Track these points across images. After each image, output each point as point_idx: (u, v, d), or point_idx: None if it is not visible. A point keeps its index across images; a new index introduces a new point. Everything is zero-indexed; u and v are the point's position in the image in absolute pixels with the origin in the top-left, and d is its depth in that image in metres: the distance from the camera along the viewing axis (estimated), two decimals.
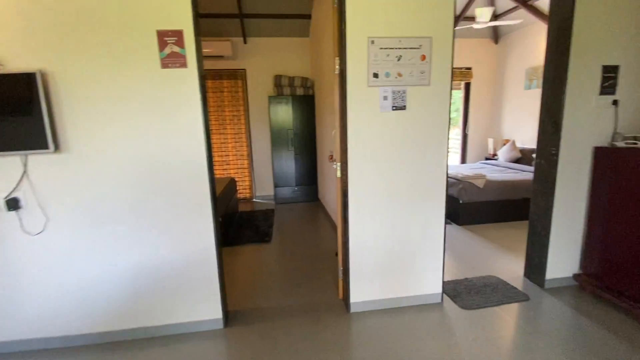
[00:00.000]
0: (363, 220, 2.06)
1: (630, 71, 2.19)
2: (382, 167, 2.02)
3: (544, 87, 2.31)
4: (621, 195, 2.05)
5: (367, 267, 2.12)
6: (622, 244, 2.07)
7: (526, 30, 5.20)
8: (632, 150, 1.99)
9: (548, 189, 2.30)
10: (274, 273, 2.78)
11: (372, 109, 1.94)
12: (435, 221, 2.15)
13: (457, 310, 2.14)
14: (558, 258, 2.37)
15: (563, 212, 2.30)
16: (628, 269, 2.03)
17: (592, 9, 2.07)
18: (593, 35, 2.11)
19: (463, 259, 2.93)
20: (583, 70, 2.14)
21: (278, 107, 5.01)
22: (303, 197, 5.36)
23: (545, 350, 1.75)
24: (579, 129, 2.21)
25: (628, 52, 2.17)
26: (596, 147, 2.21)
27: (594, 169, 2.23)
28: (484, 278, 2.53)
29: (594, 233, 2.26)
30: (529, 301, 2.21)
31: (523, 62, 5.30)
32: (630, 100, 2.22)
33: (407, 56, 1.91)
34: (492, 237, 3.44)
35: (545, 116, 2.31)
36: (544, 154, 2.33)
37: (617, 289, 2.11)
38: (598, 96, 2.18)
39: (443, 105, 2.01)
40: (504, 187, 3.90)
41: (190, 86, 1.76)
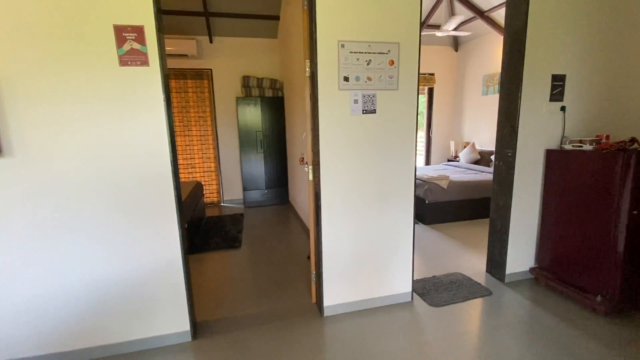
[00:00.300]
0: (336, 222, 2.06)
1: (575, 80, 2.40)
2: (354, 170, 2.04)
3: (502, 93, 2.47)
4: (568, 194, 2.24)
5: (340, 270, 2.13)
6: (569, 239, 2.25)
7: (483, 39, 5.54)
8: (578, 153, 2.18)
9: (506, 189, 2.45)
10: (244, 280, 2.70)
11: (343, 112, 1.95)
12: (405, 222, 2.20)
13: (427, 307, 2.21)
14: (516, 254, 2.53)
15: (520, 210, 2.47)
16: (574, 261, 2.22)
17: (542, 23, 2.25)
18: (544, 46, 2.28)
19: (430, 257, 3.04)
20: (535, 78, 2.31)
21: (246, 108, 4.90)
22: (273, 200, 5.28)
23: (508, 341, 1.85)
24: (532, 132, 2.38)
25: (573, 62, 2.37)
26: (548, 149, 2.40)
27: (546, 170, 2.42)
28: (450, 275, 2.64)
29: (546, 229, 2.44)
30: (491, 296, 2.34)
31: (481, 69, 5.64)
32: (576, 106, 2.44)
33: (377, 61, 1.94)
34: (456, 235, 3.60)
35: (503, 120, 2.46)
36: (502, 156, 2.48)
37: (566, 280, 2.29)
38: (548, 102, 2.36)
39: (411, 109, 2.07)
40: (466, 188, 4.11)
41: (152, 86, 1.66)
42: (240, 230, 4.00)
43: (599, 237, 2.06)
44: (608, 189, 1.99)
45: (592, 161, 2.08)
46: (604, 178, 2.00)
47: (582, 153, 2.15)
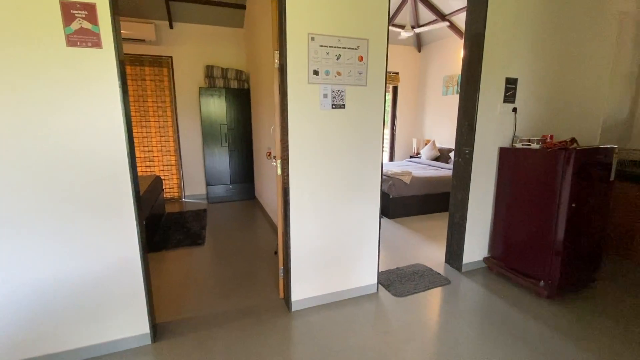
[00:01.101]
0: (304, 217, 2.06)
1: (526, 84, 2.60)
2: (323, 165, 2.04)
3: (461, 94, 2.60)
4: (518, 189, 2.43)
5: (308, 264, 2.13)
6: (517, 230, 2.46)
7: (444, 42, 5.80)
8: (527, 151, 2.37)
9: (464, 184, 2.61)
10: (209, 277, 2.61)
11: (312, 106, 1.94)
12: (371, 216, 2.26)
13: (391, 298, 2.29)
14: (472, 244, 2.70)
15: (476, 204, 2.64)
16: (522, 250, 2.42)
17: (499, 29, 2.40)
18: (499, 51, 2.44)
19: (394, 249, 3.15)
20: (491, 80, 2.47)
21: (210, 99, 4.71)
22: (239, 195, 5.15)
23: (464, 327, 1.98)
24: (488, 131, 2.54)
25: (524, 68, 2.56)
26: (501, 147, 2.58)
27: (499, 167, 2.60)
28: (412, 266, 2.76)
29: (498, 222, 2.64)
30: (450, 284, 2.48)
31: (441, 70, 5.91)
32: (526, 108, 2.64)
33: (346, 56, 1.95)
34: (418, 228, 3.77)
35: (462, 119, 2.60)
36: (461, 153, 2.63)
37: (515, 267, 2.50)
38: (502, 104, 2.54)
39: (378, 105, 2.12)
40: (427, 183, 4.31)
41: (106, 70, 1.52)
42: (204, 226, 3.85)
43: (543, 228, 2.27)
44: (551, 184, 2.19)
45: (538, 159, 2.27)
46: (548, 174, 2.20)
47: (530, 151, 2.34)
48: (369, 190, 2.21)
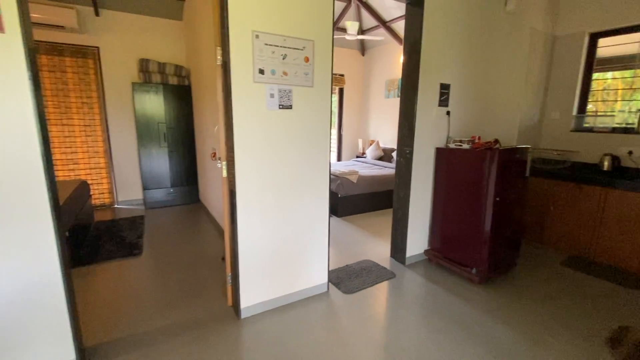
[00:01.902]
0: (252, 220, 1.99)
1: (457, 89, 2.85)
2: (270, 166, 2.00)
3: (402, 97, 2.76)
4: (451, 185, 2.66)
5: (257, 269, 2.07)
6: (452, 223, 2.69)
7: (385, 47, 6.11)
8: (458, 150, 2.60)
9: (406, 182, 2.77)
10: (148, 291, 2.40)
11: (258, 106, 1.89)
12: (321, 216, 2.28)
13: (341, 296, 2.34)
14: (415, 238, 2.89)
15: (417, 200, 2.82)
16: (456, 241, 2.66)
17: (433, 37, 2.59)
18: (435, 58, 2.64)
19: (344, 247, 3.23)
20: (428, 85, 2.66)
21: (145, 96, 4.33)
22: (181, 199, 4.83)
23: (409, 317, 2.10)
24: (426, 133, 2.73)
25: (456, 74, 2.81)
26: (437, 147, 2.79)
27: (436, 165, 2.81)
28: (361, 263, 2.85)
29: (436, 215, 2.85)
30: (395, 278, 2.62)
31: (383, 74, 6.21)
32: (457, 111, 2.90)
33: (292, 56, 1.94)
34: (365, 226, 3.91)
35: (403, 121, 2.76)
36: (402, 153, 2.79)
37: (451, 258, 2.73)
38: (437, 107, 2.75)
39: (325, 106, 2.14)
40: (373, 181, 4.50)
41: (11, 59, 1.30)
42: (141, 234, 3.53)
43: (473, 221, 2.51)
44: (479, 180, 2.43)
45: (468, 158, 2.51)
46: (477, 172, 2.44)
47: (461, 151, 2.57)
48: (318, 190, 2.23)
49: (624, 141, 3.16)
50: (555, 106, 3.68)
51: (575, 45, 3.45)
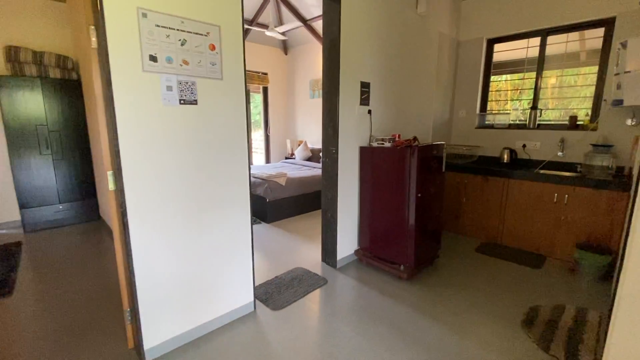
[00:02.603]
0: (152, 241, 1.64)
1: (377, 88, 2.86)
2: (173, 174, 1.67)
3: (324, 96, 2.65)
4: (376, 183, 2.65)
5: (164, 299, 1.72)
6: (379, 221, 2.68)
7: (308, 47, 6.04)
8: (381, 149, 2.60)
9: (333, 183, 2.67)
10: (20, 341, 1.82)
11: (152, 100, 1.55)
12: (241, 228, 2.02)
13: (270, 314, 2.11)
14: (344, 239, 2.81)
15: (345, 200, 2.74)
16: (384, 239, 2.66)
17: (351, 36, 2.53)
18: (354, 56, 2.59)
19: (273, 256, 2.99)
20: (349, 84, 2.60)
21: (17, 92, 3.46)
22: (75, 217, 4.00)
23: (343, 327, 1.98)
24: (350, 132, 2.67)
25: (375, 72, 2.81)
26: (361, 146, 2.76)
27: (361, 164, 2.78)
28: (291, 272, 2.66)
29: (363, 214, 2.82)
30: (327, 284, 2.49)
31: (307, 74, 6.14)
32: (378, 110, 2.91)
33: (194, 42, 1.64)
34: (296, 230, 3.74)
35: (327, 121, 2.66)
36: (328, 153, 2.68)
37: (380, 256, 2.72)
38: (359, 106, 2.71)
39: (239, 102, 1.89)
40: (302, 183, 4.35)
41: None
42: (13, 267, 2.77)
43: (398, 218, 2.53)
44: (402, 177, 2.45)
45: (390, 155, 2.52)
46: (399, 169, 2.46)
47: (384, 149, 2.57)
48: (237, 199, 1.96)
49: (518, 136, 3.58)
50: (462, 105, 4.01)
51: (475, 49, 3.81)
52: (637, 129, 2.83)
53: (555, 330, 1.92)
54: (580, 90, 3.30)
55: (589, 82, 3.20)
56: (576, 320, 2.02)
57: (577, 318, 2.04)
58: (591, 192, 2.72)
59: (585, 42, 3.22)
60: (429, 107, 3.62)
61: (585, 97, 3.23)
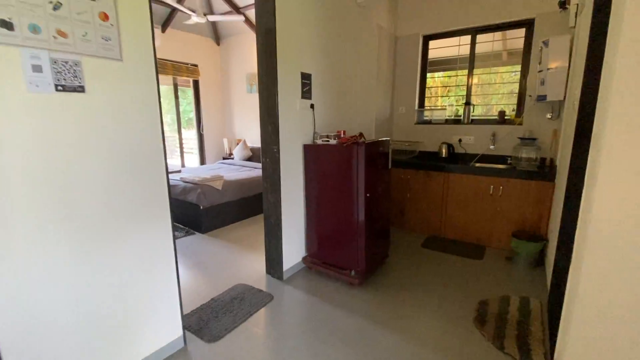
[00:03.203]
0: (27, 280, 1.17)
1: (319, 80, 2.63)
2: (50, 184, 1.22)
3: (261, 90, 2.34)
4: (322, 183, 2.44)
5: (55, 355, 1.26)
6: (326, 224, 2.47)
7: (242, 37, 5.59)
8: (327, 146, 2.38)
9: (275, 185, 2.38)
10: None
11: (10, 84, 1.09)
12: (161, 246, 1.62)
13: (205, 348, 1.75)
14: (291, 247, 2.54)
15: (289, 203, 2.48)
16: (332, 243, 2.46)
17: (288, 25, 2.26)
18: (292, 45, 2.32)
19: (209, 274, 2.60)
20: (289, 76, 2.33)
21: None
22: None
23: (294, 353, 1.72)
24: (292, 129, 2.41)
25: (316, 64, 2.58)
26: (305, 144, 2.51)
27: (305, 164, 2.54)
28: (231, 290, 2.31)
29: (310, 218, 2.59)
30: (273, 301, 2.20)
31: (243, 67, 5.70)
32: (321, 105, 2.70)
33: (74, 7, 1.21)
34: (236, 239, 3.36)
35: (265, 117, 2.35)
36: (268, 152, 2.38)
37: (330, 262, 2.52)
38: (301, 100, 2.46)
39: (150, 92, 1.49)
40: (242, 186, 3.96)
41: None
42: None
43: (347, 220, 2.35)
44: (349, 176, 2.27)
45: (337, 153, 2.32)
46: (346, 167, 2.27)
47: (330, 147, 2.36)
48: (153, 214, 1.56)
49: (454, 131, 3.69)
50: (401, 101, 4.02)
51: (412, 45, 3.83)
52: (555, 123, 3.07)
53: (506, 325, 1.91)
54: (506, 86, 3.50)
55: (514, 80, 3.41)
56: (521, 311, 2.05)
57: (522, 309, 2.08)
58: (522, 183, 2.87)
59: (510, 41, 3.41)
60: (371, 103, 3.53)
61: (512, 93, 3.44)
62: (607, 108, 1.10)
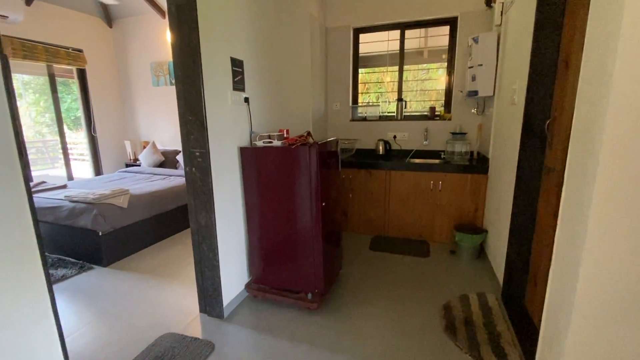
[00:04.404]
0: None
1: (254, 69, 2.19)
2: None
3: (179, 80, 1.79)
4: (267, 194, 2.03)
5: None
6: (274, 242, 2.08)
7: (143, 19, 4.65)
8: (270, 149, 1.97)
9: (206, 202, 1.87)
10: None
11: None
12: (26, 303, 1.01)
13: None
14: (231, 276, 2.07)
15: (226, 223, 1.99)
16: (283, 264, 2.08)
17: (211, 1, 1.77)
18: (218, 25, 1.83)
19: (120, 325, 1.93)
20: (215, 61, 1.83)
21: None
22: None
23: None
24: (223, 127, 1.92)
25: (249, 49, 2.13)
26: (241, 147, 2.05)
27: (244, 171, 2.07)
28: (154, 347, 1.73)
29: (253, 235, 2.15)
30: (215, 351, 1.71)
31: (147, 55, 4.76)
32: (257, 99, 2.26)
33: None
34: (152, 269, 2.67)
35: (188, 116, 1.82)
36: (192, 159, 1.85)
37: (280, 286, 2.13)
38: (233, 91, 1.99)
39: None
40: (154, 199, 3.22)
41: None
42: None
43: (299, 233, 2.00)
44: (300, 183, 1.92)
45: (283, 158, 1.93)
46: (296, 173, 1.91)
47: (273, 149, 1.96)
48: (5, 249, 0.95)
49: (389, 127, 3.64)
50: (335, 97, 3.81)
51: (343, 38, 3.63)
52: (479, 117, 3.24)
53: (475, 330, 1.83)
54: (435, 83, 3.59)
55: (441, 76, 3.51)
56: (483, 309, 2.02)
57: (482, 307, 2.04)
58: (459, 177, 2.93)
59: (437, 38, 3.49)
60: (307, 98, 3.21)
61: (440, 90, 3.54)
62: (605, 105, 0.99)
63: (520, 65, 2.11)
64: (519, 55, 2.14)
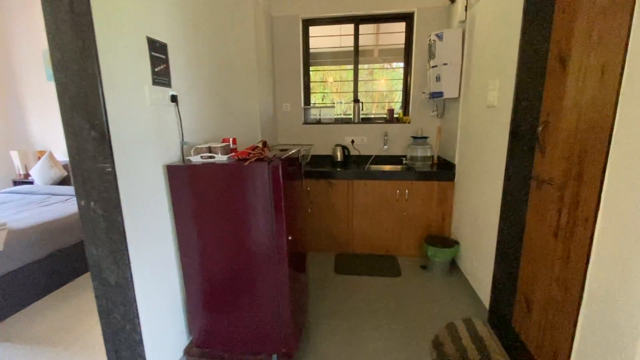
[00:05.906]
0: None
1: (181, 57, 1.61)
2: None
3: (58, 72, 1.15)
4: (208, 227, 1.48)
5: None
6: (225, 291, 1.54)
7: None
8: (213, 167, 1.43)
9: (117, 251, 1.26)
10: None
11: None
12: None
13: None
14: (162, 344, 1.47)
15: (150, 274, 1.40)
16: (238, 318, 1.56)
17: None
18: None
19: None
20: (124, 42, 1.24)
21: None
22: None
23: None
24: (139, 139, 1.32)
25: (176, 31, 1.55)
26: (168, 165, 1.46)
27: (174, 199, 1.49)
28: None
29: (191, 285, 1.58)
30: None
31: (35, 41, 3.70)
32: (188, 99, 1.69)
33: None
34: (44, 335, 1.90)
35: (78, 120, 1.18)
36: (89, 190, 1.23)
37: (236, 347, 1.60)
38: (152, 87, 1.40)
39: None
40: (49, 233, 2.38)
41: None
42: None
43: (258, 279, 1.50)
44: (258, 213, 1.42)
45: (232, 179, 1.41)
46: (252, 200, 1.41)
47: (217, 167, 1.42)
48: None
49: (346, 131, 3.30)
50: (285, 97, 3.35)
51: (291, 30, 3.19)
52: (438, 120, 3.09)
53: None
54: (392, 83, 3.35)
55: (398, 76, 3.28)
56: (474, 341, 1.76)
57: (473, 338, 1.79)
58: (426, 185, 2.71)
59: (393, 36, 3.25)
60: (254, 98, 2.69)
61: (398, 90, 3.31)
62: None
63: (496, 64, 1.91)
64: (494, 53, 1.94)
